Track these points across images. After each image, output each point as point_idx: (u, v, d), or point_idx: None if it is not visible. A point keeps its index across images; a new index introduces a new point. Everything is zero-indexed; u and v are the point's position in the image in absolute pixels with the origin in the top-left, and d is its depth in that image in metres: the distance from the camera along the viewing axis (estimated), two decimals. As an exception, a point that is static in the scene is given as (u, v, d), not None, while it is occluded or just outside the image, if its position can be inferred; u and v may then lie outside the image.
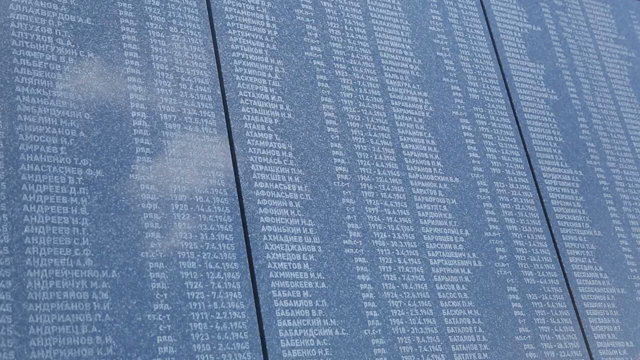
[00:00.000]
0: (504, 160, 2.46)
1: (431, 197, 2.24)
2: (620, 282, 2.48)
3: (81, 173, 1.74)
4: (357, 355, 1.89)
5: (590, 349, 2.30)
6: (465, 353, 2.06)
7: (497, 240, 2.30)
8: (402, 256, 2.10)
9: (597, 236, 2.53)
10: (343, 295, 1.95)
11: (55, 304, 1.59)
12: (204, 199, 1.87)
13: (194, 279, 1.77)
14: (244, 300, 1.81)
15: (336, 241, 2.01)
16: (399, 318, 2.00)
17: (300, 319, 1.86)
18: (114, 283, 1.68)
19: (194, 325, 1.72)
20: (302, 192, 2.03)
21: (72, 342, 1.58)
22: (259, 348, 1.77)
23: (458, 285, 2.15)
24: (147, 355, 1.64)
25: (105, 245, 1.70)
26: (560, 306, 2.31)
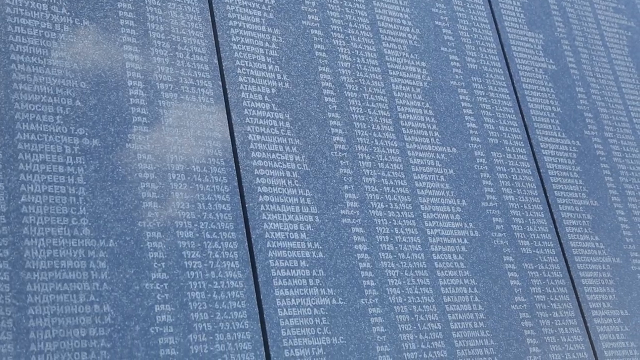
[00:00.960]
0: (501, 130, 2.46)
1: (428, 167, 2.24)
2: (616, 252, 2.49)
3: (78, 142, 1.73)
4: (354, 324, 1.90)
5: (586, 317, 2.32)
6: (462, 322, 2.07)
7: (494, 210, 2.31)
8: (399, 226, 2.10)
9: (593, 206, 2.54)
10: (340, 264, 1.96)
11: (53, 272, 1.60)
12: (201, 169, 1.87)
13: (192, 248, 1.78)
14: (242, 270, 1.81)
15: (333, 211, 2.01)
16: (395, 287, 2.01)
17: (298, 288, 1.87)
18: (111, 252, 1.68)
19: (191, 295, 1.73)
20: (300, 162, 2.02)
21: (70, 311, 1.58)
22: (256, 317, 1.78)
23: (455, 254, 2.16)
24: (145, 324, 1.65)
25: (103, 215, 1.70)
26: (556, 275, 2.32)
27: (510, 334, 2.14)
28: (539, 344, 2.18)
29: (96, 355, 1.57)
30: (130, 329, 1.63)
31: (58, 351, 1.54)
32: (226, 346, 1.72)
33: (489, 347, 2.08)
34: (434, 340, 2.00)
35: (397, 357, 1.92)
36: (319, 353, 1.82)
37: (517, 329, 2.15)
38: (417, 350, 1.96)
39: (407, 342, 1.96)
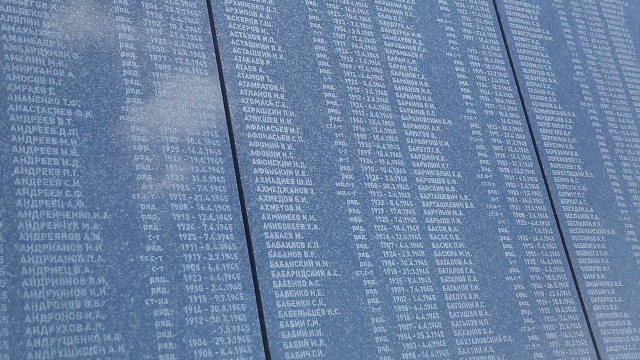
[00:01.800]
0: (497, 102, 2.45)
1: (424, 140, 2.23)
2: (611, 224, 2.50)
3: (71, 114, 1.72)
4: (349, 296, 1.91)
5: (580, 289, 2.33)
6: (457, 294, 2.08)
7: (490, 182, 2.31)
8: (395, 198, 2.10)
9: (589, 178, 2.54)
10: (335, 237, 1.96)
11: (48, 245, 1.60)
12: (196, 141, 1.86)
13: (186, 221, 1.77)
14: (237, 243, 1.81)
15: (329, 184, 2.01)
16: (391, 260, 2.01)
17: (293, 260, 1.87)
18: (105, 225, 1.67)
19: (186, 267, 1.73)
20: (295, 134, 2.01)
21: (65, 283, 1.58)
22: (251, 289, 1.78)
23: (450, 227, 2.16)
24: (140, 296, 1.65)
25: (97, 187, 1.69)
26: (551, 247, 2.33)
27: (505, 306, 2.15)
28: (533, 315, 2.19)
29: (91, 327, 1.58)
30: (125, 301, 1.63)
31: (53, 323, 1.54)
32: (221, 318, 1.72)
33: (484, 319, 2.09)
34: (429, 312, 2.01)
35: (392, 329, 1.93)
36: (314, 325, 1.83)
37: (511, 300, 2.16)
38: (412, 321, 1.97)
39: (402, 314, 1.97)
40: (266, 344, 1.76)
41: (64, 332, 1.54)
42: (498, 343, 2.09)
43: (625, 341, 2.33)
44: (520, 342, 2.12)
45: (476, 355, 2.03)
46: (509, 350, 2.09)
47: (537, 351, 2.14)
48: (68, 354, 1.53)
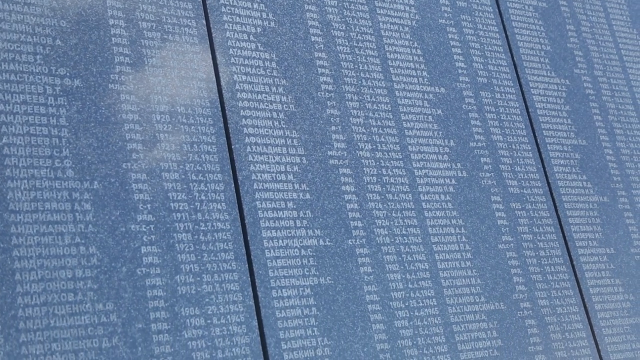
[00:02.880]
0: (490, 69, 2.43)
1: (417, 108, 2.22)
2: (603, 190, 2.50)
3: (59, 82, 1.70)
4: (342, 265, 1.91)
5: (572, 255, 2.33)
6: (449, 261, 2.08)
7: (482, 150, 2.30)
8: (387, 167, 2.10)
9: (581, 145, 2.53)
10: (327, 205, 1.95)
11: (37, 214, 1.59)
12: (186, 110, 1.84)
13: (178, 190, 1.77)
14: (228, 211, 1.81)
15: (321, 152, 2.00)
16: (383, 228, 2.01)
17: (285, 229, 1.87)
18: (96, 194, 1.67)
19: (178, 236, 1.73)
20: (286, 102, 2.00)
21: (55, 252, 1.58)
22: (243, 258, 1.78)
23: (442, 195, 2.16)
24: (132, 265, 1.65)
25: (86, 156, 1.68)
26: (544, 215, 2.33)
27: (497, 273, 2.15)
28: (525, 282, 2.20)
29: (83, 296, 1.58)
30: (116, 270, 1.63)
31: (44, 292, 1.54)
32: (213, 287, 1.72)
33: (476, 286, 2.10)
34: (421, 279, 2.02)
35: (384, 297, 1.93)
36: (306, 293, 1.83)
37: (503, 267, 2.17)
38: (404, 289, 1.98)
39: (394, 281, 1.97)
40: (258, 312, 1.76)
41: (55, 301, 1.54)
42: (490, 310, 2.10)
43: (617, 307, 2.34)
44: (512, 309, 2.13)
45: (468, 322, 2.04)
46: (501, 317, 2.10)
47: (528, 318, 2.15)
48: (60, 322, 1.53)
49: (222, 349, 1.68)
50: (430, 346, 1.95)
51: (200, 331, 1.67)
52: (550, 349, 2.14)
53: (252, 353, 1.71)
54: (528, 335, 2.12)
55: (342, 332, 1.84)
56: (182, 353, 1.63)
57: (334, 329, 1.83)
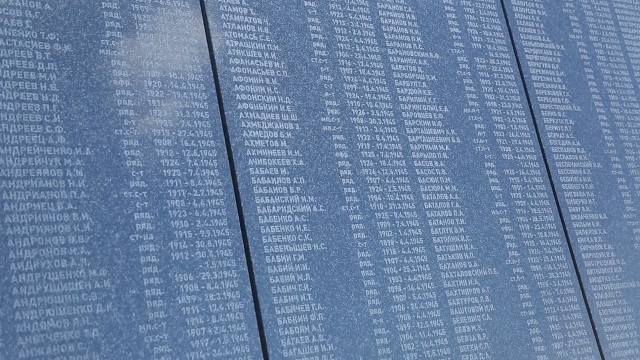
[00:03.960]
0: (485, 35, 2.41)
1: (410, 74, 2.21)
2: (597, 157, 2.50)
3: (49, 48, 1.68)
4: (335, 231, 1.91)
5: (565, 221, 2.34)
6: (442, 227, 2.09)
7: (476, 116, 2.29)
8: (381, 133, 2.09)
9: (576, 111, 2.53)
10: (321, 172, 1.95)
11: (29, 181, 1.58)
12: (178, 76, 1.83)
13: (170, 156, 1.76)
14: (221, 178, 1.80)
15: (314, 118, 1.99)
16: (376, 194, 2.01)
17: (278, 195, 1.87)
18: (88, 160, 1.66)
19: (171, 203, 1.72)
20: (279, 68, 1.98)
21: (48, 219, 1.58)
22: (237, 225, 1.78)
23: (436, 161, 2.16)
24: (125, 232, 1.65)
25: (78, 123, 1.67)
26: (537, 181, 2.33)
27: (490, 239, 2.16)
28: (518, 247, 2.20)
29: (76, 262, 1.58)
30: (109, 236, 1.63)
31: (38, 259, 1.54)
32: (207, 253, 1.73)
33: (469, 252, 2.11)
34: (414, 245, 2.02)
35: (377, 263, 1.94)
36: (300, 259, 1.84)
37: (496, 233, 2.18)
38: (397, 255, 1.98)
39: (387, 247, 1.97)
40: (252, 278, 1.77)
41: (49, 268, 1.54)
42: (483, 275, 2.11)
43: (609, 272, 2.35)
44: (504, 275, 2.14)
45: (461, 288, 2.05)
46: (494, 283, 2.11)
47: (521, 283, 2.16)
48: (53, 288, 1.54)
49: (216, 314, 1.69)
50: (423, 311, 1.96)
51: (194, 297, 1.68)
52: (542, 314, 2.15)
53: (246, 318, 1.72)
54: (520, 300, 2.13)
55: (335, 297, 1.85)
56: (176, 319, 1.64)
57: (328, 294, 1.84)
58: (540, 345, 2.12)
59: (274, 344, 1.73)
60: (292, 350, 1.74)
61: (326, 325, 1.81)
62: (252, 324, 1.72)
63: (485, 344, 2.02)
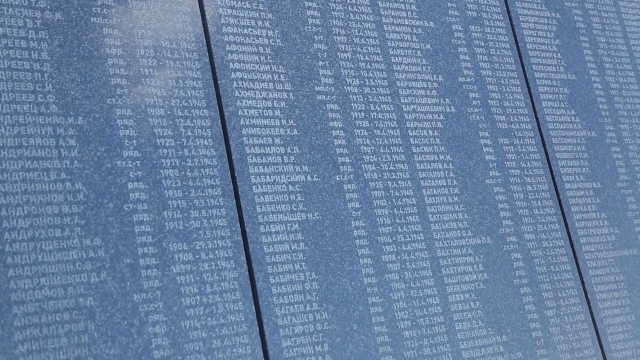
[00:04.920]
0: (480, 2, 2.39)
1: (405, 42, 2.20)
2: (591, 125, 2.50)
3: (39, 15, 1.67)
4: (329, 201, 1.91)
5: (559, 190, 2.34)
6: (437, 197, 2.09)
7: (471, 85, 2.28)
8: (375, 102, 2.08)
9: (571, 80, 2.52)
10: (315, 141, 1.94)
11: (22, 150, 1.57)
12: (171, 44, 1.82)
13: (163, 126, 1.75)
14: (215, 147, 1.80)
15: (308, 87, 1.98)
16: (371, 164, 2.01)
17: (272, 165, 1.86)
18: (80, 130, 1.65)
19: (164, 172, 1.72)
20: (273, 37, 1.97)
21: (41, 188, 1.57)
22: (231, 194, 1.78)
23: (430, 130, 2.15)
24: (118, 201, 1.65)
25: (70, 92, 1.66)
26: (531, 150, 2.33)
27: (484, 208, 2.16)
28: (512, 217, 2.21)
29: (70, 232, 1.58)
30: (103, 206, 1.63)
31: (31, 228, 1.54)
32: (201, 222, 1.73)
33: (463, 221, 2.11)
34: (408, 215, 2.03)
35: (372, 232, 1.95)
36: (294, 229, 1.84)
37: (491, 202, 2.18)
38: (391, 224, 1.99)
39: (381, 217, 1.98)
40: (246, 247, 1.77)
41: (43, 237, 1.54)
42: (476, 244, 2.11)
43: (602, 240, 2.37)
44: (498, 243, 2.15)
45: (455, 257, 2.06)
46: (487, 251, 2.12)
47: (514, 251, 2.17)
48: (48, 257, 1.54)
49: (211, 283, 1.69)
50: (417, 280, 1.97)
51: (188, 266, 1.68)
52: (535, 282, 2.17)
53: (241, 287, 1.72)
54: (514, 269, 2.15)
55: (330, 266, 1.85)
56: (171, 287, 1.65)
57: (322, 263, 1.85)
58: (533, 312, 2.14)
59: (268, 313, 1.74)
60: (286, 319, 1.75)
61: (320, 294, 1.82)
62: (247, 293, 1.73)
63: (479, 311, 2.04)
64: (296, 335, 1.75)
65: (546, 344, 2.11)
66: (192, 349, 1.62)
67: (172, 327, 1.62)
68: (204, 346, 1.64)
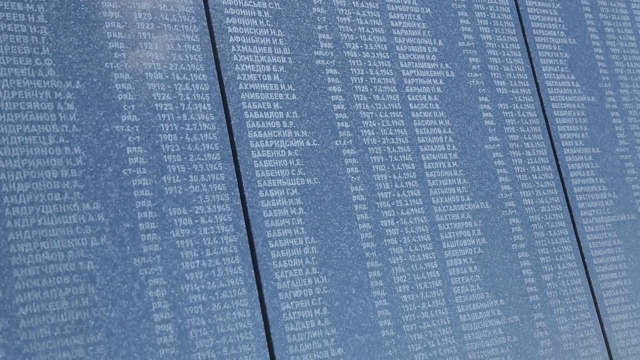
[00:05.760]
0: (481, -34, 2.37)
1: (405, 6, 2.18)
2: (591, 90, 2.49)
3: (35, -22, 1.65)
4: (328, 166, 1.91)
5: (557, 155, 2.34)
6: (435, 162, 2.09)
7: (471, 50, 2.27)
8: (374, 67, 2.07)
9: (571, 44, 2.50)
10: (314, 106, 1.94)
11: (20, 114, 1.57)
12: (169, 8, 1.80)
13: (162, 90, 1.74)
14: (214, 112, 1.79)
15: (307, 52, 1.97)
16: (370, 129, 2.01)
17: (271, 130, 1.86)
18: (78, 94, 1.64)
19: (163, 137, 1.72)
20: (271, 0, 1.95)
21: (40, 153, 1.57)
22: (230, 159, 1.78)
23: (430, 95, 2.15)
24: (117, 166, 1.65)
25: (67, 55, 1.65)
26: (530, 115, 2.33)
27: (483, 173, 2.17)
28: (510, 182, 2.21)
29: (69, 196, 1.58)
30: (102, 170, 1.63)
31: (31, 192, 1.54)
32: (200, 187, 1.73)
33: (462, 186, 2.12)
34: (407, 180, 2.03)
35: (370, 197, 1.95)
36: (293, 194, 1.84)
37: (489, 168, 2.18)
38: (390, 190, 1.99)
39: (380, 182, 1.98)
40: (246, 212, 1.78)
41: (42, 201, 1.55)
42: (475, 209, 2.12)
43: (600, 205, 2.37)
44: (496, 208, 2.15)
45: (453, 222, 2.07)
46: (486, 216, 2.13)
47: (512, 217, 2.18)
48: (47, 221, 1.54)
49: (210, 247, 1.70)
50: (416, 245, 1.98)
51: (188, 231, 1.69)
52: (533, 247, 2.18)
53: (240, 252, 1.73)
54: (512, 234, 2.16)
55: (328, 231, 1.86)
56: (171, 252, 1.65)
57: (321, 228, 1.85)
58: (530, 277, 2.15)
59: (267, 277, 1.75)
60: (285, 283, 1.77)
61: (319, 258, 1.83)
62: (246, 257, 1.73)
63: (477, 276, 2.05)
64: (295, 299, 1.76)
65: (543, 307, 2.13)
66: (192, 312, 1.64)
67: (172, 291, 1.63)
68: (204, 310, 1.65)
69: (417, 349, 1.89)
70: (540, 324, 2.11)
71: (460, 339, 1.96)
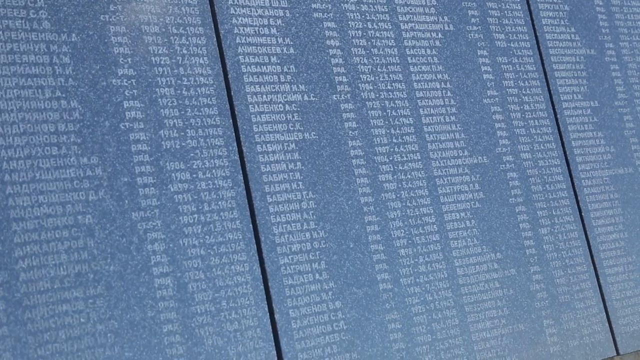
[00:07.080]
0: None
1: (403, -41, 2.15)
2: (591, 43, 2.47)
3: None
4: (326, 120, 1.91)
5: (556, 108, 2.34)
6: (433, 116, 2.09)
7: (470, 2, 2.25)
8: (372, 20, 2.05)
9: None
10: (312, 60, 1.92)
11: (15, 67, 1.56)
12: (164, -40, 1.77)
13: (158, 44, 1.73)
14: (211, 66, 1.78)
15: (304, 5, 1.95)
16: (368, 83, 2.00)
17: (269, 84, 1.85)
18: (74, 47, 1.63)
19: (160, 91, 1.71)
20: (268, -48, 1.93)
21: (36, 106, 1.56)
22: (227, 113, 1.78)
23: (428, 49, 2.13)
24: (114, 120, 1.64)
25: (62, 8, 1.63)
26: (530, 69, 2.31)
27: (481, 127, 2.16)
28: (508, 136, 2.21)
29: (67, 150, 1.57)
30: (99, 124, 1.62)
31: (28, 146, 1.54)
32: (198, 142, 1.73)
33: (460, 140, 2.11)
34: (405, 134, 2.02)
35: (368, 151, 1.95)
36: (291, 148, 1.84)
37: (488, 122, 2.18)
38: (388, 144, 1.99)
39: (378, 136, 1.98)
40: (243, 166, 1.77)
41: (39, 155, 1.54)
42: (473, 164, 2.12)
43: (597, 159, 2.37)
44: (494, 163, 2.15)
45: (451, 176, 2.07)
46: (484, 170, 2.13)
47: (510, 171, 2.18)
48: (45, 175, 1.54)
49: (209, 202, 1.70)
50: (414, 199, 1.99)
51: (186, 185, 1.69)
52: (530, 200, 2.19)
53: (238, 206, 1.73)
54: (509, 188, 2.16)
55: (326, 186, 1.86)
56: (169, 206, 1.66)
57: (319, 182, 1.86)
58: (527, 230, 2.16)
59: (265, 231, 1.76)
60: (283, 237, 1.77)
61: (317, 212, 1.83)
62: (244, 212, 1.74)
63: (474, 230, 2.06)
64: (293, 253, 1.78)
65: (539, 260, 2.15)
66: (191, 266, 1.65)
67: (170, 245, 1.63)
68: (202, 263, 1.66)
69: (414, 302, 1.90)
70: (536, 277, 2.13)
71: (457, 292, 1.98)
